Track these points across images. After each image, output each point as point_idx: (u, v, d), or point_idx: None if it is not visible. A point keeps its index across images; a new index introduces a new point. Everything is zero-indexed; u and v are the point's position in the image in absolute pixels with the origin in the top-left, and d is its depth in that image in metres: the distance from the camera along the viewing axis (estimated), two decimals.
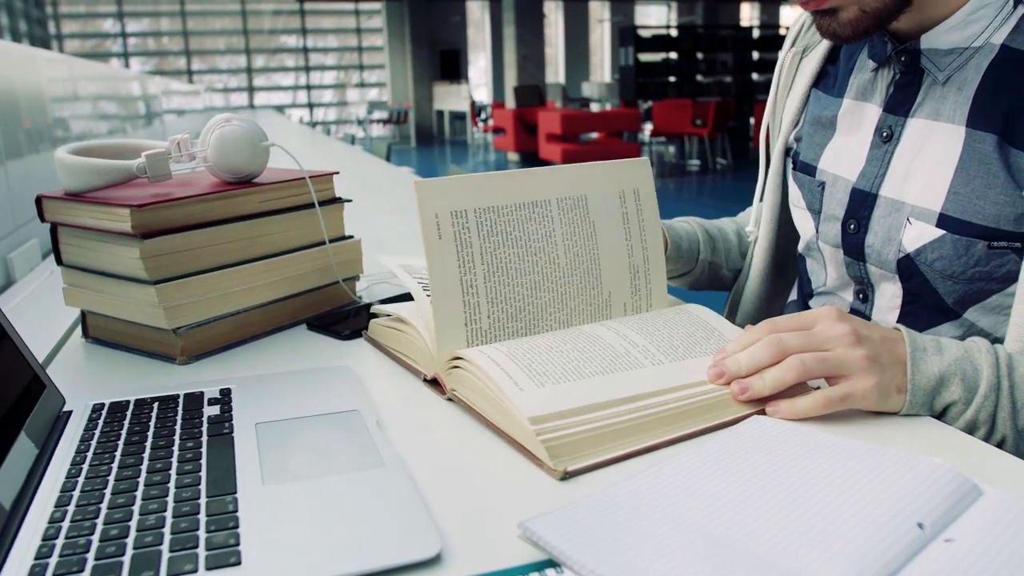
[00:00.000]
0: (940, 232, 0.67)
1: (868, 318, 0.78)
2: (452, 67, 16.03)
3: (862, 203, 0.75)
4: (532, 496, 0.50)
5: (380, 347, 0.78)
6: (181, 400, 0.64)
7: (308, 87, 16.78)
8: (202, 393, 0.66)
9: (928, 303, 0.72)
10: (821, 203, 0.80)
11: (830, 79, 0.82)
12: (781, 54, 0.88)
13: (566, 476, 0.51)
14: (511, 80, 11.30)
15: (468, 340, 0.66)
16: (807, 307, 0.88)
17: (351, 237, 0.93)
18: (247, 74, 16.19)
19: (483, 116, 13.24)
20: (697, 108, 8.64)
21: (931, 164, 0.69)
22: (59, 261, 0.83)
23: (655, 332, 0.67)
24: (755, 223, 0.91)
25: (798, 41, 0.87)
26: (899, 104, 0.72)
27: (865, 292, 0.78)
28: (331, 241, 0.90)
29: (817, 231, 0.81)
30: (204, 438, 0.57)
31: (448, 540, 0.45)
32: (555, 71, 17.86)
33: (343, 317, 0.88)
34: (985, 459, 0.54)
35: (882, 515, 0.42)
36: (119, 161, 0.77)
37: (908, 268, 0.71)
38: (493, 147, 10.89)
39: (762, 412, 0.58)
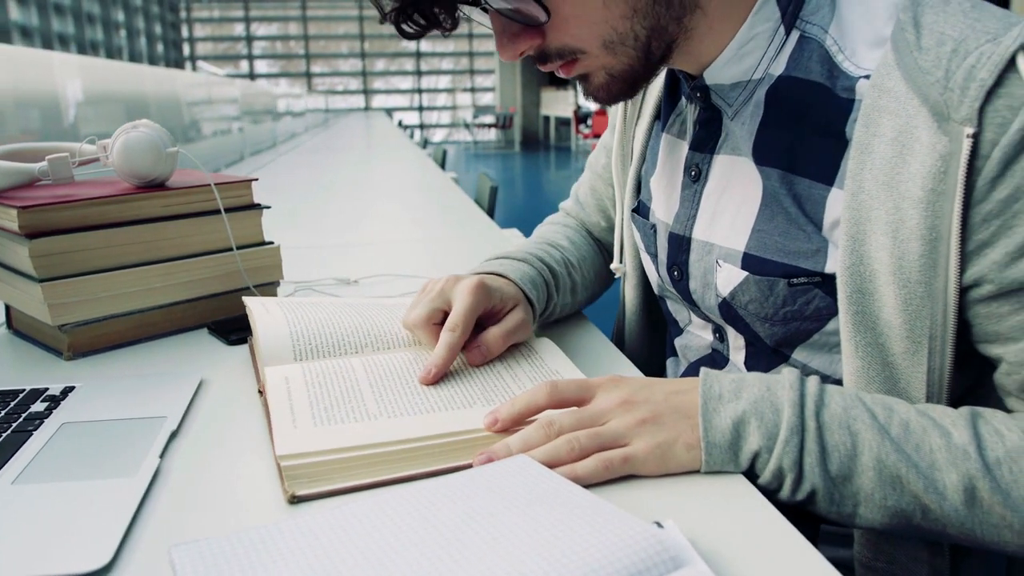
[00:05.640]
0: (744, 274, 0.63)
1: (727, 358, 0.72)
2: None
3: (679, 248, 0.70)
4: (261, 518, 0.49)
5: (251, 354, 0.79)
6: (21, 396, 0.67)
7: (420, 91, 17.27)
8: (45, 389, 0.69)
9: (760, 346, 0.66)
10: (656, 247, 0.75)
11: (665, 116, 0.76)
12: None
13: (295, 500, 0.50)
14: None
15: (294, 352, 0.66)
16: (675, 350, 0.82)
17: (270, 243, 0.95)
18: (362, 77, 16.84)
19: (588, 122, 13.20)
20: None
21: (737, 202, 0.64)
22: None
23: (479, 373, 0.65)
24: (619, 258, 0.85)
25: None
26: (704, 141, 0.68)
27: (721, 332, 0.72)
28: (247, 247, 0.92)
29: (659, 275, 0.76)
30: (6, 434, 0.60)
31: (134, 556, 0.45)
32: None
33: (247, 323, 0.90)
34: (762, 525, 0.48)
35: None
36: (21, 164, 0.82)
37: (729, 312, 0.66)
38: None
39: None
